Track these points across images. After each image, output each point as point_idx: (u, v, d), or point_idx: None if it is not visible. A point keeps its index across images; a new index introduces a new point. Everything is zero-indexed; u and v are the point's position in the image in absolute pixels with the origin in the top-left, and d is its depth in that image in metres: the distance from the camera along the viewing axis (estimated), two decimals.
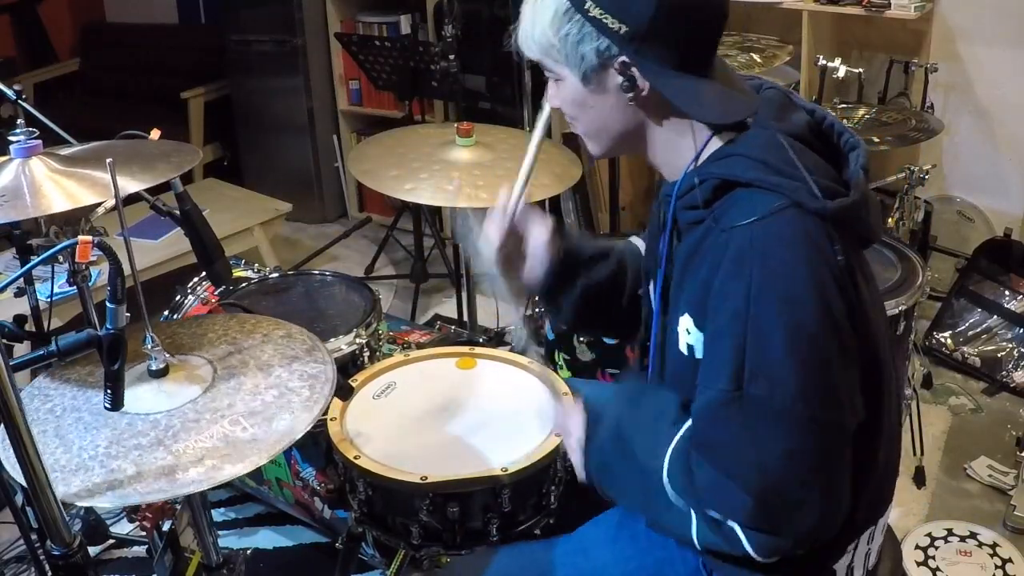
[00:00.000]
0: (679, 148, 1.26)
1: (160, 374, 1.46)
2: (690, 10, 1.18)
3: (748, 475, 1.14)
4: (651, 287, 1.40)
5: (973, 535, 2.38)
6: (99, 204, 1.60)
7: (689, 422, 1.23)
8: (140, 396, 1.42)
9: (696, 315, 1.21)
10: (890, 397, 1.28)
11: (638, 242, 1.58)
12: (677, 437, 1.24)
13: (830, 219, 1.14)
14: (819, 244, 1.13)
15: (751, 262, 1.12)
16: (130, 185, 1.53)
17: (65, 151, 1.68)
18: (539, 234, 1.48)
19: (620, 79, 1.21)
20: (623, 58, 1.19)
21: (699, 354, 1.22)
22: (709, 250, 1.19)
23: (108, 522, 2.41)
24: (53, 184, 1.53)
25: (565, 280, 1.50)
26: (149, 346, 1.44)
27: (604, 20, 1.18)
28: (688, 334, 1.23)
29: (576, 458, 1.40)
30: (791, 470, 1.13)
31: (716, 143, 1.23)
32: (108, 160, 1.34)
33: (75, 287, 1.76)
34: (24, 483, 1.16)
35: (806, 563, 1.25)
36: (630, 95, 1.22)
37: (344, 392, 1.77)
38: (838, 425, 1.15)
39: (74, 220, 1.65)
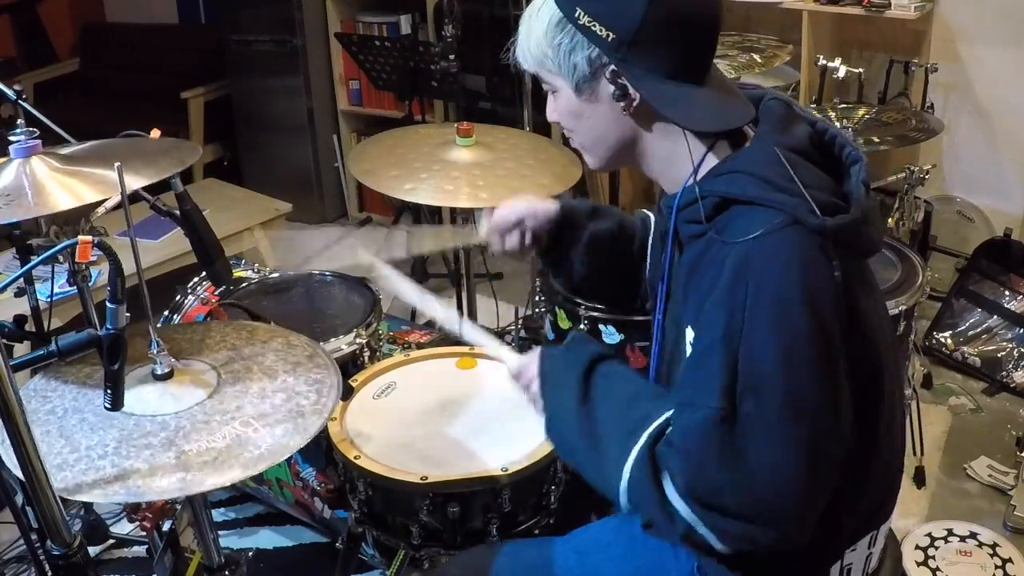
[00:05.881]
0: (675, 161, 1.24)
1: (165, 378, 1.46)
2: (681, 18, 1.17)
3: (736, 490, 1.11)
4: (656, 298, 1.38)
5: (973, 535, 2.38)
6: (101, 203, 1.60)
7: (647, 432, 1.18)
8: (145, 398, 1.42)
9: (696, 327, 1.20)
10: (891, 409, 1.26)
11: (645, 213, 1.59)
12: (637, 447, 1.17)
13: (829, 236, 1.13)
14: (816, 261, 1.12)
15: (747, 279, 1.11)
16: (133, 182, 1.52)
17: (65, 150, 1.67)
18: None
19: (612, 88, 1.21)
20: (613, 66, 1.19)
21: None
22: (711, 263, 1.18)
23: (108, 522, 2.40)
24: (55, 183, 1.52)
25: (573, 229, 1.52)
26: (155, 350, 1.44)
27: (592, 28, 1.18)
28: (691, 347, 1.22)
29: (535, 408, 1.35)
30: (778, 484, 1.11)
31: (713, 158, 1.22)
32: (116, 164, 1.34)
33: (75, 287, 1.76)
34: (24, 482, 1.16)
35: (798, 566, 1.25)
36: (623, 104, 1.21)
37: (344, 392, 1.77)
38: (826, 438, 1.13)
39: (74, 220, 1.65)
